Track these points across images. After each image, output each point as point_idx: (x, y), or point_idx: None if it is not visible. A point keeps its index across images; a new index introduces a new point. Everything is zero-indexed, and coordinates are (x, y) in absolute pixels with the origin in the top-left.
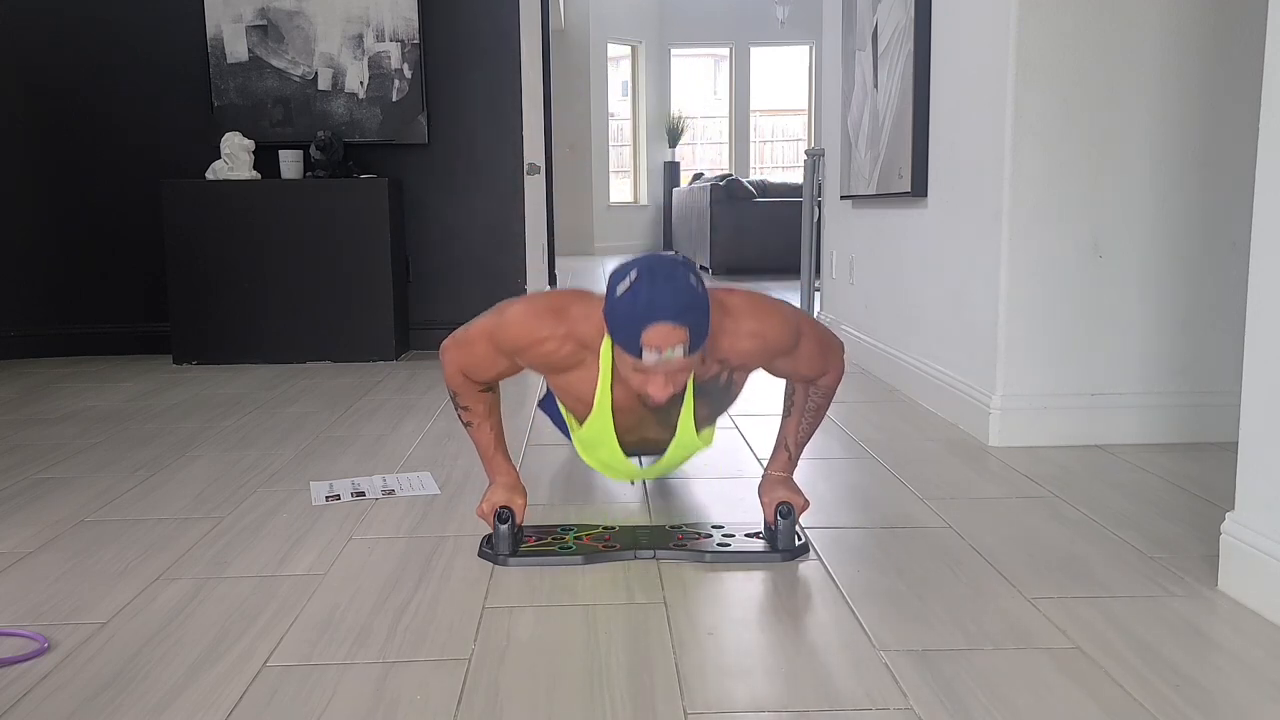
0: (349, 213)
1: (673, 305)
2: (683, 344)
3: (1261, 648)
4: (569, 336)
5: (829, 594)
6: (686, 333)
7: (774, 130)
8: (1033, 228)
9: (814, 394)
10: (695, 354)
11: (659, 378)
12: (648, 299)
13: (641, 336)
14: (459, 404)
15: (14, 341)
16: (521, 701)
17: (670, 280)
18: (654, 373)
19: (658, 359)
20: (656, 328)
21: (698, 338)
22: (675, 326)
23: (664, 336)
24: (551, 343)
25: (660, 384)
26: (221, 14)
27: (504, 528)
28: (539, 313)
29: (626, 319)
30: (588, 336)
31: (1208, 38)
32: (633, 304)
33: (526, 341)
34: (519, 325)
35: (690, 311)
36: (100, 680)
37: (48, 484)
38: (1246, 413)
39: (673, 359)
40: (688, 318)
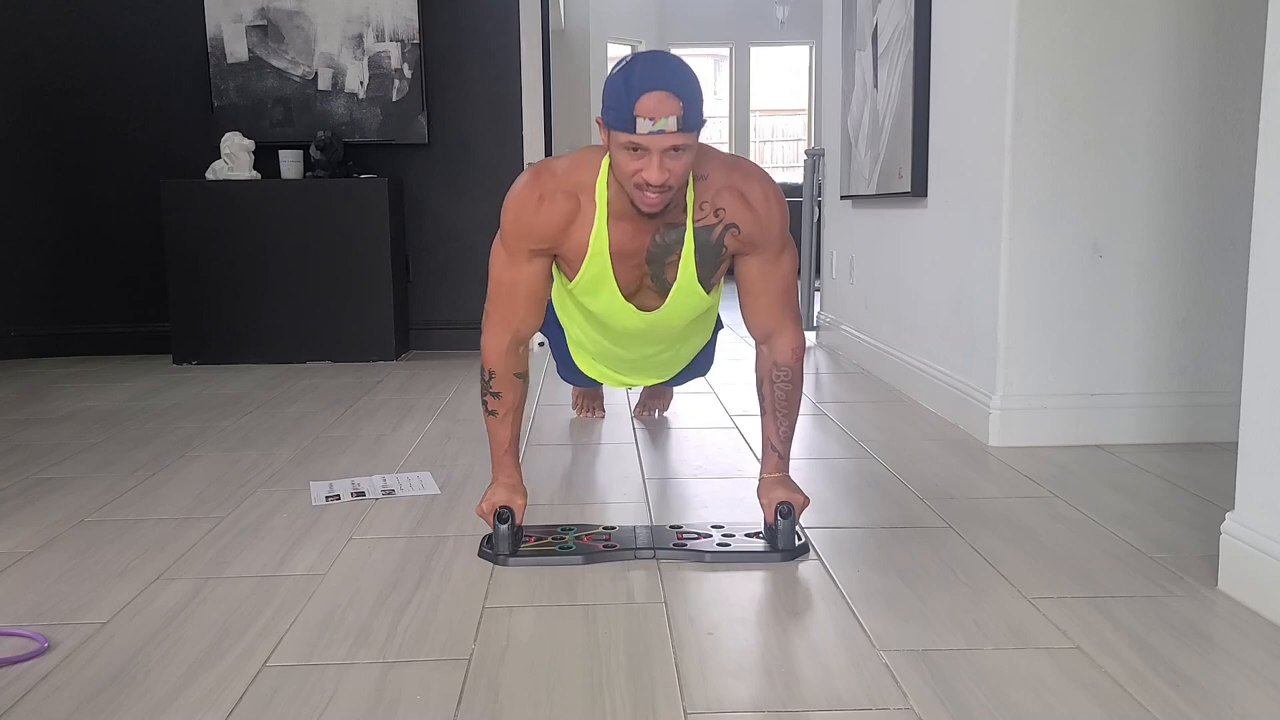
0: (349, 213)
1: (666, 75)
2: (676, 115)
3: (1261, 648)
4: (560, 188)
5: (829, 594)
6: (680, 104)
7: (774, 130)
8: (1033, 228)
9: (779, 381)
10: (691, 134)
11: (654, 159)
12: (641, 70)
13: (635, 106)
14: (490, 388)
15: (14, 341)
16: (521, 701)
17: (664, 59)
18: (649, 154)
19: (651, 129)
20: (650, 95)
21: (692, 112)
22: (668, 95)
23: (657, 104)
24: (547, 200)
25: (656, 166)
26: (221, 14)
27: (504, 528)
28: (529, 180)
29: (621, 91)
30: (581, 181)
31: (1208, 37)
32: (627, 77)
33: (528, 209)
34: (516, 200)
35: (683, 82)
36: (100, 680)
37: (48, 484)
38: (1246, 413)
39: (666, 130)
40: (681, 87)
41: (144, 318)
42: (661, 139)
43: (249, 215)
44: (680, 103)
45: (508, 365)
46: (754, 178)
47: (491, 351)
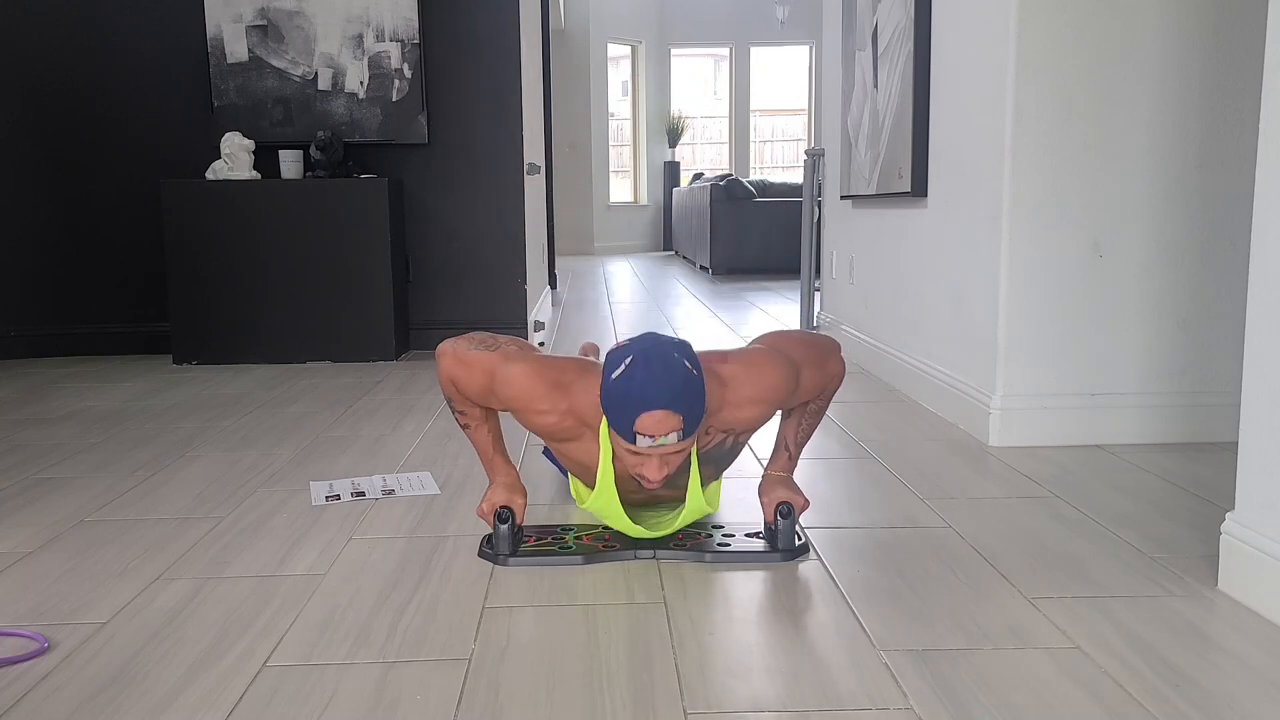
0: (349, 213)
1: (666, 392)
2: (676, 431)
3: (1261, 648)
4: (569, 412)
5: (829, 594)
6: (680, 420)
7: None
8: (1033, 228)
9: (817, 398)
10: (689, 438)
11: (654, 461)
12: (641, 385)
13: (635, 423)
14: (454, 408)
15: (14, 341)
16: (521, 701)
17: (665, 366)
18: (649, 456)
19: (651, 444)
20: (650, 415)
21: (692, 423)
22: (669, 414)
23: (657, 424)
24: (550, 416)
25: (655, 467)
26: (221, 14)
27: (504, 528)
28: (542, 383)
29: (621, 405)
30: (587, 414)
31: (1208, 37)
32: (627, 390)
33: (523, 405)
34: (519, 388)
35: (684, 398)
36: (100, 680)
37: (48, 484)
38: (1246, 413)
39: (666, 444)
40: (681, 405)
41: (144, 318)
42: (661, 450)
43: (249, 215)
44: (680, 418)
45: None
46: (740, 384)
47: (447, 389)
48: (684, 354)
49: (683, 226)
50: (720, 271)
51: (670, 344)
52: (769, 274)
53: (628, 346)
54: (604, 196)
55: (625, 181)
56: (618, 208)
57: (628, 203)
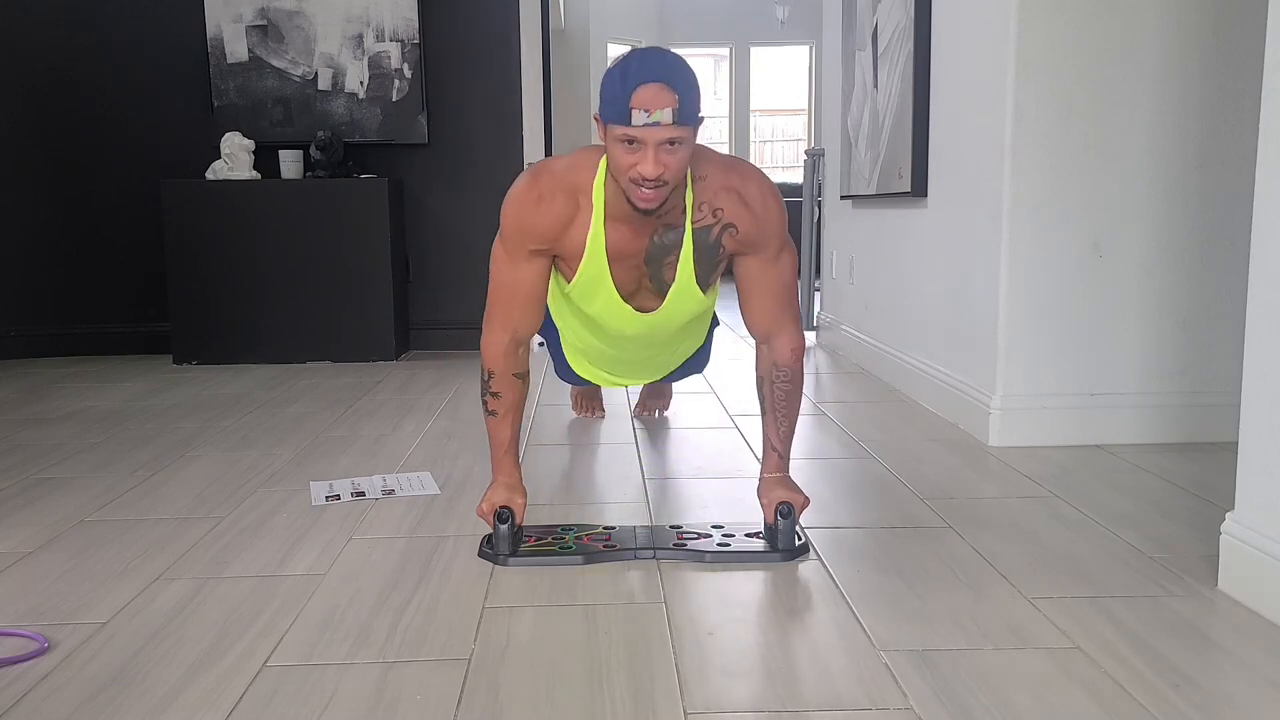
0: (349, 213)
1: (662, 68)
2: (671, 107)
3: (1261, 648)
4: (559, 187)
5: (829, 594)
6: (675, 97)
7: (774, 130)
8: (1033, 228)
9: (779, 381)
10: (687, 128)
11: (650, 153)
12: (637, 63)
13: (631, 98)
14: (490, 388)
15: (14, 341)
16: (521, 701)
17: (660, 53)
18: (644, 147)
19: (646, 121)
20: (645, 87)
21: (687, 105)
22: (664, 87)
23: (653, 96)
24: (546, 201)
25: (651, 160)
26: (221, 14)
27: (504, 528)
28: (528, 180)
29: (617, 85)
30: (579, 181)
31: (1208, 37)
32: (624, 69)
33: (527, 209)
34: (515, 201)
35: (680, 75)
36: (100, 680)
37: (48, 484)
38: (1246, 413)
39: (662, 123)
40: (677, 80)
41: (144, 318)
42: (657, 131)
43: (249, 215)
44: (676, 95)
45: (507, 365)
46: (751, 178)
47: (491, 351)
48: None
49: None
50: None
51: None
52: None
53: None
54: None
55: None
56: None
57: None
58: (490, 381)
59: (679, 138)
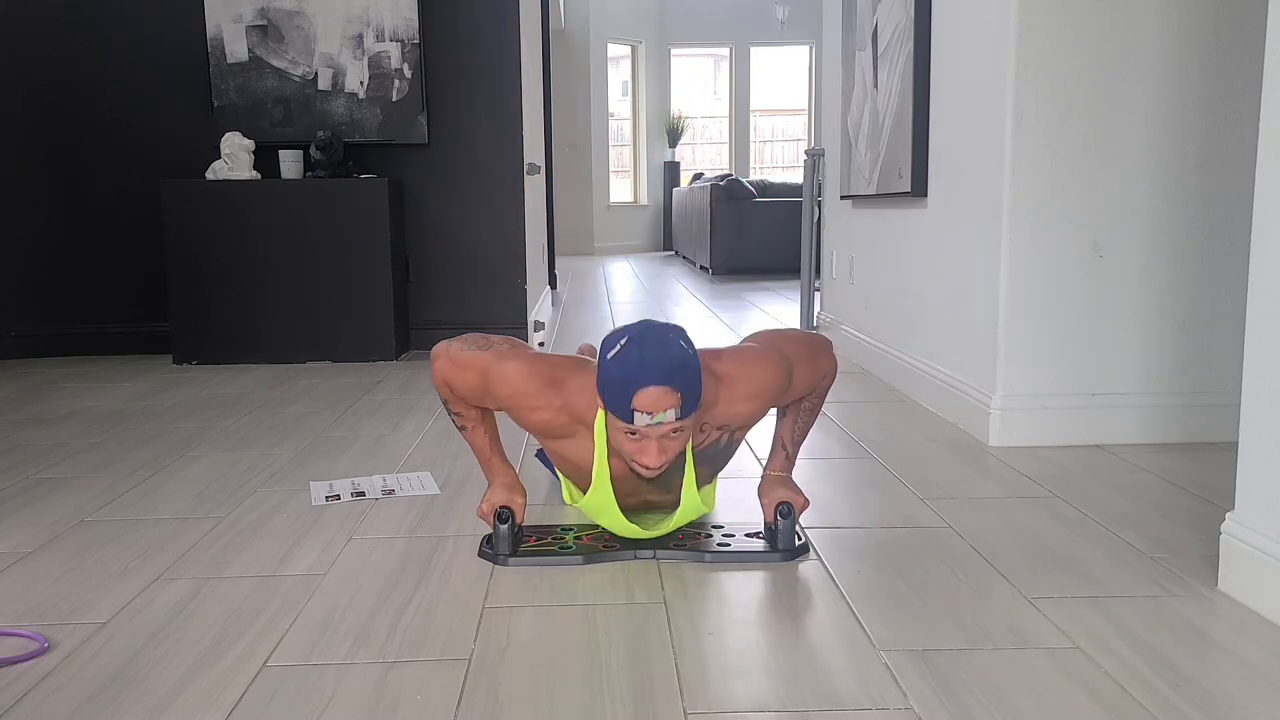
0: (349, 213)
1: (663, 368)
2: (674, 407)
3: (1261, 648)
4: (563, 409)
5: (829, 594)
6: (678, 397)
7: (774, 130)
8: (1033, 228)
9: (810, 395)
10: (688, 419)
11: (652, 445)
12: (638, 362)
13: (632, 400)
14: (450, 410)
15: (14, 341)
16: (521, 701)
17: (661, 345)
18: (646, 439)
19: (649, 423)
20: (647, 391)
21: (690, 401)
22: (666, 390)
23: (655, 400)
24: (545, 412)
25: (654, 451)
26: (221, 14)
27: (504, 528)
28: (536, 379)
29: (618, 383)
30: (582, 410)
31: (1208, 37)
32: (623, 368)
33: (517, 403)
34: (513, 385)
35: (681, 374)
36: (100, 680)
37: (48, 484)
38: (1246, 413)
39: (665, 422)
40: (679, 381)
41: (144, 318)
42: (660, 429)
43: (249, 215)
44: (679, 395)
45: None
46: (735, 380)
47: (442, 391)
48: (679, 335)
49: (683, 227)
50: (720, 271)
51: (666, 327)
52: (769, 274)
53: (623, 329)
54: (604, 196)
55: (625, 181)
56: (618, 208)
57: (628, 203)
58: (448, 405)
59: (681, 427)
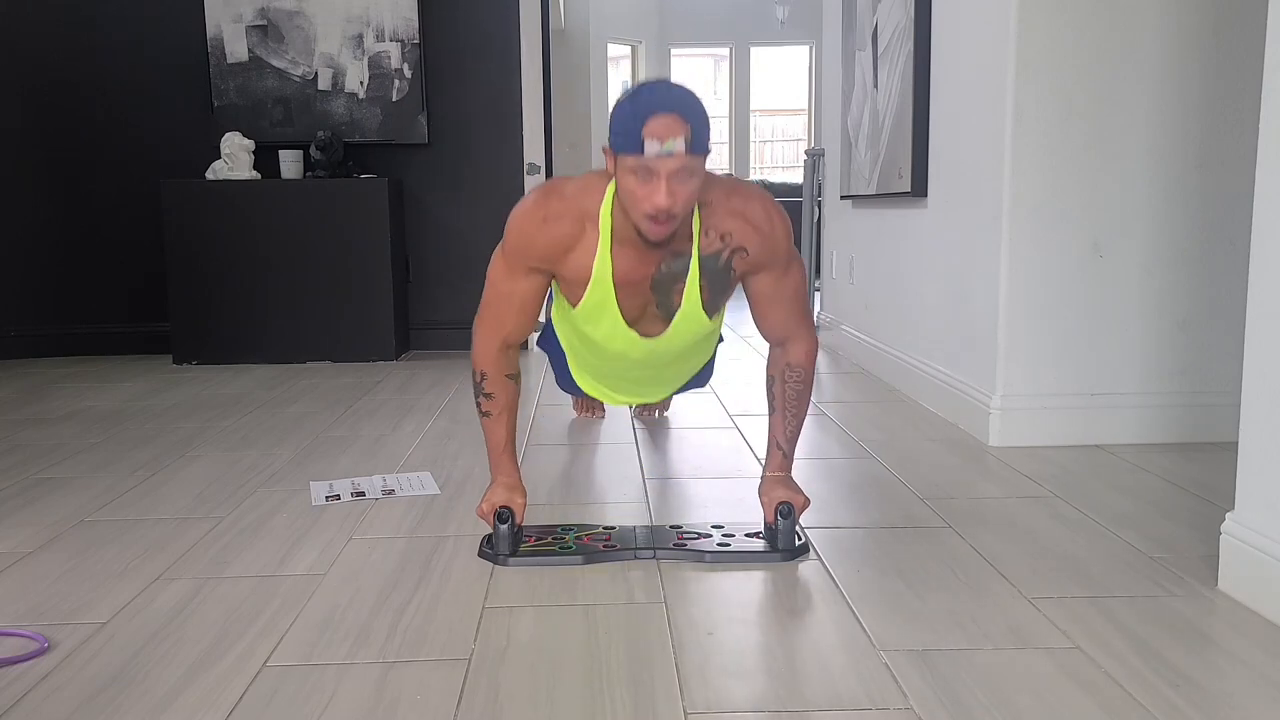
0: (349, 213)
1: (673, 99)
2: (683, 136)
3: (1261, 648)
4: (566, 211)
5: (829, 594)
6: (687, 127)
7: (774, 130)
8: (1033, 228)
9: (791, 380)
10: (698, 157)
11: (662, 183)
12: (649, 94)
13: (643, 128)
14: (483, 390)
15: (14, 341)
16: (521, 701)
17: (670, 84)
18: (656, 178)
19: (659, 150)
20: (657, 118)
21: (699, 135)
22: (676, 118)
23: (665, 126)
24: (552, 222)
25: (663, 191)
26: (221, 14)
27: (504, 528)
28: (536, 199)
29: (628, 115)
30: (586, 206)
31: (1208, 37)
32: (634, 101)
33: (532, 228)
34: (522, 217)
35: (691, 106)
36: (100, 680)
37: (48, 484)
38: (1246, 413)
39: (674, 152)
40: (688, 110)
41: (144, 318)
42: (669, 161)
43: (249, 215)
44: (688, 125)
45: (499, 367)
46: (754, 198)
47: (482, 354)
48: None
49: None
50: None
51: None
52: None
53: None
54: None
55: None
56: None
57: None
58: (483, 383)
59: (691, 167)
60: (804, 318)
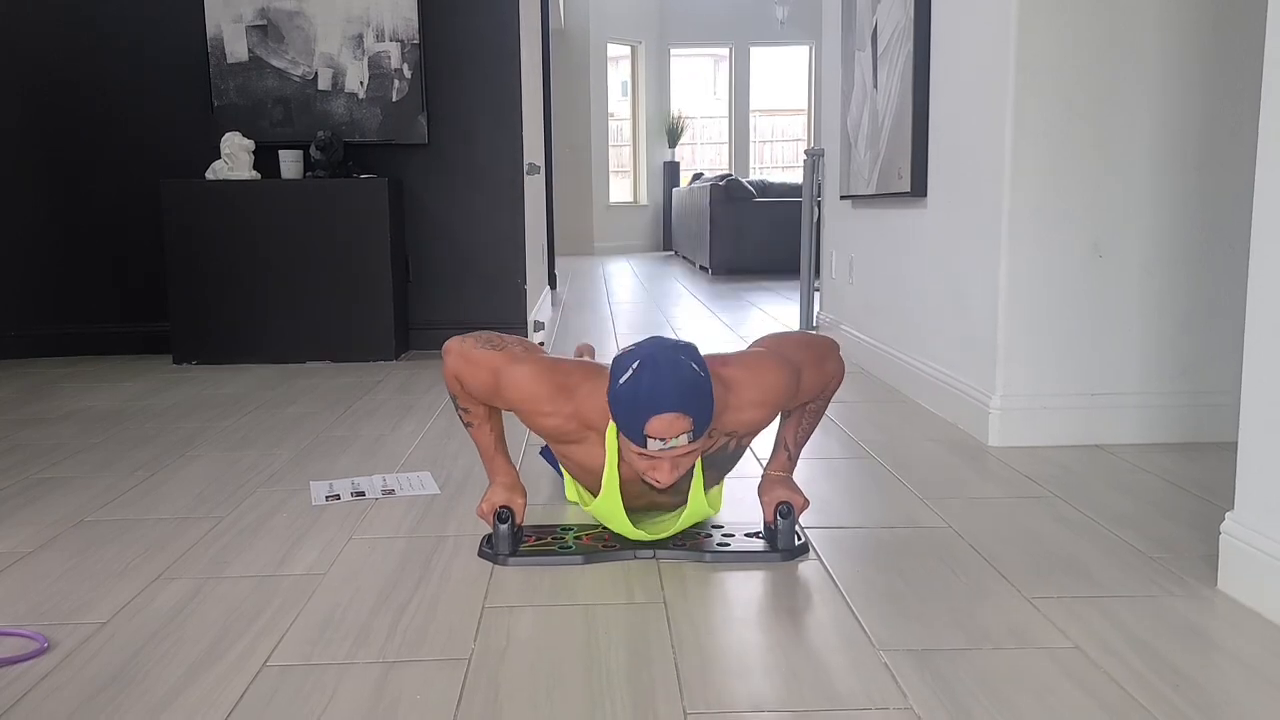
0: (349, 213)
1: (675, 394)
2: (687, 433)
3: (1261, 648)
4: (573, 416)
5: (829, 594)
6: (690, 421)
7: (774, 130)
8: (1033, 228)
9: (821, 396)
10: (700, 440)
11: (665, 464)
12: (650, 388)
13: (645, 426)
14: (458, 405)
15: (14, 341)
16: (521, 701)
17: (673, 368)
18: (660, 459)
19: (662, 447)
20: (660, 418)
21: (701, 425)
22: (679, 416)
23: (668, 426)
24: (554, 419)
25: (667, 470)
26: (221, 14)
27: (504, 527)
28: (547, 385)
29: (630, 408)
30: (592, 418)
31: (1208, 37)
32: (635, 393)
33: (528, 408)
34: (524, 390)
35: (693, 400)
36: (100, 680)
37: (48, 484)
38: (1246, 413)
39: (677, 446)
40: (691, 406)
41: (144, 318)
42: (673, 453)
43: (249, 215)
44: (690, 420)
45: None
46: (744, 386)
47: (452, 386)
48: (690, 356)
49: (682, 227)
50: (720, 272)
51: (676, 346)
52: (768, 274)
53: (634, 351)
54: (604, 197)
55: (625, 182)
56: (617, 208)
57: (627, 203)
58: (456, 400)
59: (694, 451)
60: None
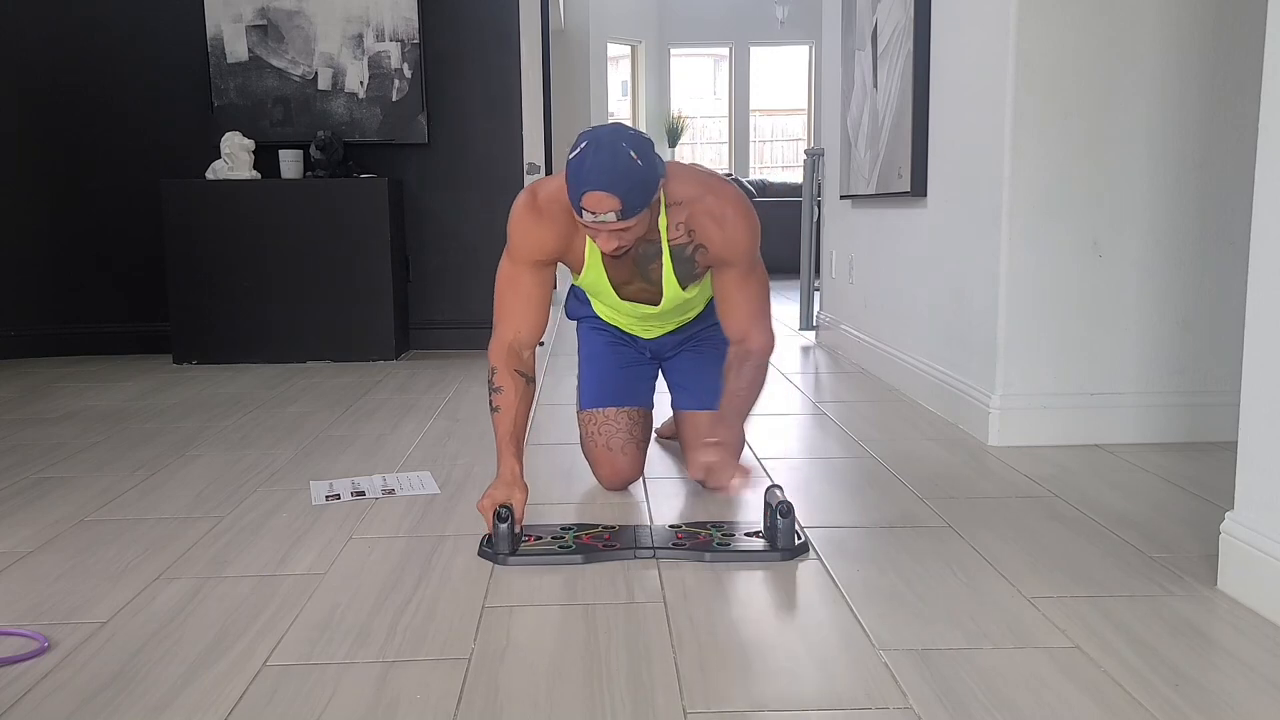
0: (349, 213)
1: (606, 175)
2: (614, 211)
3: (1261, 648)
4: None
5: (829, 594)
6: (618, 202)
7: (774, 130)
8: (1033, 228)
9: (749, 361)
10: (634, 218)
11: (603, 235)
12: (586, 167)
13: (580, 200)
14: (493, 384)
15: (14, 341)
16: (521, 701)
17: (612, 153)
18: (596, 229)
19: (593, 220)
20: (591, 194)
21: (630, 207)
22: (606, 195)
23: (596, 202)
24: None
25: (605, 239)
26: (221, 14)
27: (504, 527)
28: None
29: (572, 181)
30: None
31: (1208, 38)
32: (577, 169)
33: (529, 223)
34: (518, 218)
35: (623, 182)
36: (100, 680)
37: (48, 484)
38: (1246, 413)
39: (606, 223)
40: (619, 188)
41: (144, 318)
42: (604, 226)
43: (249, 215)
44: (618, 199)
45: (508, 362)
46: (727, 201)
47: (493, 350)
48: (632, 144)
49: None
50: None
51: (623, 134)
52: (769, 273)
53: (590, 131)
54: None
55: None
56: None
57: None
58: (492, 378)
59: (627, 226)
60: (762, 319)
